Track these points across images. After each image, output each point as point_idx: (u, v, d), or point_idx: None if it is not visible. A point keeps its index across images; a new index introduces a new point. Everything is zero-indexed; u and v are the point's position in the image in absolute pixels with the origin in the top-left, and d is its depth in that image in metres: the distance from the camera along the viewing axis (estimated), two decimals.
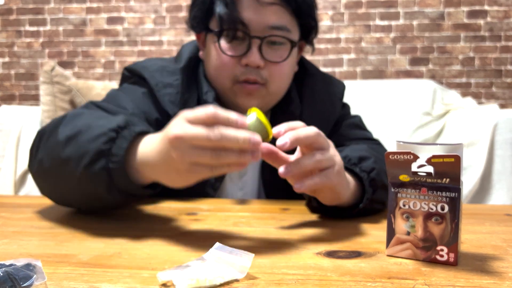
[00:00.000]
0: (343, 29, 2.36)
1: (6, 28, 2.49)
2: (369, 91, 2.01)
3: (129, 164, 0.49)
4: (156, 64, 0.72)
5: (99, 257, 0.42)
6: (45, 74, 1.81)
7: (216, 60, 0.68)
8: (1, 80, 2.52)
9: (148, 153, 0.47)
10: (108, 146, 0.48)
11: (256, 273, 0.38)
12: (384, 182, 0.59)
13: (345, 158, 0.59)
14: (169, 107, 0.68)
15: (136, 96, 0.69)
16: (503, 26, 2.29)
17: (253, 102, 0.69)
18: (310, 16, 0.69)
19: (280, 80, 0.70)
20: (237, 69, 0.67)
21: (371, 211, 0.60)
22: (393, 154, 0.41)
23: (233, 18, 0.64)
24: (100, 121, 0.51)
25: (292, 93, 0.74)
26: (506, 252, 0.45)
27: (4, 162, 1.75)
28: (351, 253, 0.44)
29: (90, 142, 0.49)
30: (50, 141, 0.54)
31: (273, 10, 0.65)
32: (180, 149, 0.42)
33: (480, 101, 2.30)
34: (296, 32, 0.69)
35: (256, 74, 0.67)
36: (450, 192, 0.40)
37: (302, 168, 0.47)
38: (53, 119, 0.60)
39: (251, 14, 0.65)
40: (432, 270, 0.39)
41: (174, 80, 0.70)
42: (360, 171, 0.58)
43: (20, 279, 0.33)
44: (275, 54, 0.67)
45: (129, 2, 2.43)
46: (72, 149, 0.50)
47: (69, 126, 0.53)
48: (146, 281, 0.36)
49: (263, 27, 0.65)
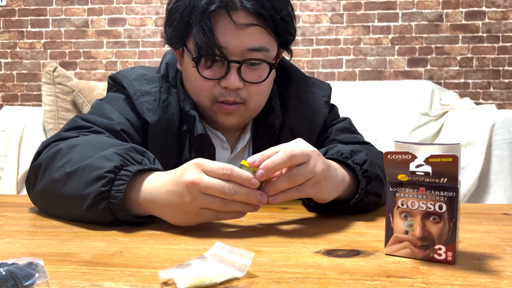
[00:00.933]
0: (342, 30, 2.37)
1: (9, 29, 2.50)
2: (368, 92, 2.01)
3: (131, 199, 0.52)
4: (136, 73, 0.73)
5: (101, 256, 0.42)
6: (47, 74, 1.82)
7: (195, 81, 0.68)
8: (3, 80, 2.52)
9: (156, 192, 0.51)
10: (107, 188, 0.51)
11: (256, 271, 0.38)
12: (378, 174, 0.60)
13: (337, 153, 0.61)
14: (147, 115, 0.69)
15: (119, 105, 0.71)
16: (501, 27, 2.30)
17: (232, 120, 0.70)
18: (288, 32, 0.69)
19: (259, 99, 0.71)
20: (216, 90, 0.68)
21: (368, 204, 0.61)
22: (391, 154, 0.41)
23: (211, 45, 0.64)
24: (96, 161, 0.53)
25: (273, 102, 0.74)
26: (503, 251, 0.45)
27: (7, 162, 1.75)
28: (350, 251, 0.44)
29: (89, 185, 0.51)
30: (47, 176, 0.56)
31: (251, 32, 0.64)
32: (193, 194, 0.48)
33: (478, 101, 2.30)
34: (274, 47, 0.69)
35: (235, 96, 0.67)
36: (448, 192, 0.40)
37: (278, 190, 0.50)
38: (46, 144, 0.61)
39: (229, 38, 0.64)
40: (430, 269, 0.39)
41: (152, 88, 0.71)
42: (352, 163, 0.59)
43: (22, 277, 0.33)
44: (253, 75, 0.68)
45: (131, 4, 2.44)
46: (73, 188, 0.53)
47: (65, 162, 0.55)
48: (147, 279, 0.36)
49: (241, 50, 0.65)
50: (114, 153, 0.53)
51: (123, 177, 0.51)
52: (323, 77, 2.38)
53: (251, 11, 0.63)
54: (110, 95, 0.74)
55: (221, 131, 0.75)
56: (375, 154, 0.69)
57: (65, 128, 0.66)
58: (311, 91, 0.78)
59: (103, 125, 0.66)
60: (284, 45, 0.71)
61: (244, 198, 0.48)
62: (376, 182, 0.60)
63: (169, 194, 0.50)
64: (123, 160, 0.52)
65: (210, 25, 0.63)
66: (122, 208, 0.51)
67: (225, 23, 0.64)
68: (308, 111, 0.77)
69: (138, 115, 0.70)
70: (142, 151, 0.57)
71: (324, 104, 0.78)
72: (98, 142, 0.58)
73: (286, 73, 0.78)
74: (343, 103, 1.90)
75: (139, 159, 0.54)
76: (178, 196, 0.49)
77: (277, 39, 0.69)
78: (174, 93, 0.72)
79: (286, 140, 0.74)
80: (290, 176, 0.50)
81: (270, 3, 0.64)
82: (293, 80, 0.78)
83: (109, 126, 0.66)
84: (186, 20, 0.65)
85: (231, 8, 0.63)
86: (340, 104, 0.86)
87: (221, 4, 0.63)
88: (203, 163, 0.48)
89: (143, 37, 2.44)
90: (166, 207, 0.51)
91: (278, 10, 0.65)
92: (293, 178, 0.50)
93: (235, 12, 0.63)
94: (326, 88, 0.81)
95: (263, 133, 0.74)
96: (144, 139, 0.70)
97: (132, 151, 0.55)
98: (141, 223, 0.54)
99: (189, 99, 0.71)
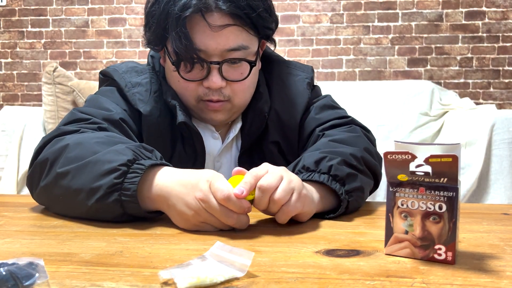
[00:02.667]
0: (342, 31, 2.37)
1: (9, 29, 2.50)
2: (368, 92, 2.01)
3: (142, 193, 0.53)
4: (127, 66, 0.74)
5: (101, 255, 0.42)
6: (47, 74, 1.82)
7: (178, 82, 0.69)
8: (3, 80, 2.52)
9: (167, 190, 0.52)
10: (120, 181, 0.51)
11: (256, 271, 0.38)
12: (349, 171, 0.59)
13: (303, 168, 0.60)
14: (139, 105, 0.69)
15: (114, 96, 0.71)
16: (501, 27, 2.30)
17: (219, 116, 0.70)
18: (266, 27, 0.68)
19: (244, 94, 0.71)
20: (200, 90, 0.68)
21: (357, 202, 0.60)
22: (391, 154, 0.41)
23: (189, 51, 0.63)
24: (107, 155, 0.53)
25: (261, 88, 0.74)
26: (503, 251, 0.45)
27: (7, 162, 1.75)
28: (350, 251, 0.44)
29: (101, 177, 0.51)
30: (54, 171, 0.56)
31: (228, 33, 0.64)
32: (198, 209, 0.50)
33: (478, 101, 2.31)
34: (255, 43, 0.69)
35: (219, 94, 0.68)
36: (448, 192, 0.40)
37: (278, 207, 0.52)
38: (48, 140, 0.61)
39: (206, 41, 0.64)
40: (430, 269, 0.39)
41: (143, 79, 0.71)
42: (319, 175, 0.58)
43: (22, 277, 0.33)
44: (235, 72, 0.67)
45: (131, 4, 2.44)
46: (82, 181, 0.53)
47: (73, 156, 0.55)
48: (147, 279, 0.37)
49: (220, 51, 0.64)
50: (127, 148, 0.53)
51: (137, 170, 0.51)
52: (323, 77, 2.39)
53: (226, 12, 0.63)
54: (103, 89, 0.74)
55: (211, 123, 0.75)
56: (350, 141, 0.67)
57: (64, 121, 0.66)
58: (293, 74, 0.78)
59: (102, 116, 0.65)
60: (265, 38, 0.71)
61: (241, 210, 0.50)
62: (350, 179, 0.59)
63: (177, 199, 0.51)
64: (135, 154, 0.53)
65: (186, 31, 0.63)
66: (134, 200, 0.51)
67: (201, 26, 0.63)
68: (291, 93, 0.77)
69: (132, 106, 0.70)
70: (150, 149, 0.57)
71: (306, 85, 0.78)
72: (106, 138, 0.58)
73: (267, 59, 0.78)
74: (343, 103, 1.90)
75: (149, 155, 0.55)
76: (185, 205, 0.50)
77: (257, 35, 0.68)
78: (164, 83, 0.73)
79: (273, 126, 0.75)
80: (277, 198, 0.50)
81: (245, 1, 0.63)
82: (275, 64, 0.78)
83: (107, 116, 0.66)
84: (163, 25, 0.65)
85: (205, 11, 0.63)
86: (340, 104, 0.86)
87: (195, 9, 0.62)
88: (214, 181, 0.49)
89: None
90: (172, 208, 0.52)
91: (254, 7, 0.64)
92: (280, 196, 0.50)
93: (210, 15, 0.63)
94: (308, 70, 0.81)
95: (253, 119, 0.73)
96: (140, 130, 0.70)
97: (141, 148, 0.55)
98: (149, 218, 0.54)
99: (170, 90, 0.71)
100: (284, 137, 0.75)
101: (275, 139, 0.75)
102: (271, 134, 0.75)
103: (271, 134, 0.75)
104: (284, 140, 0.75)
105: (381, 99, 1.94)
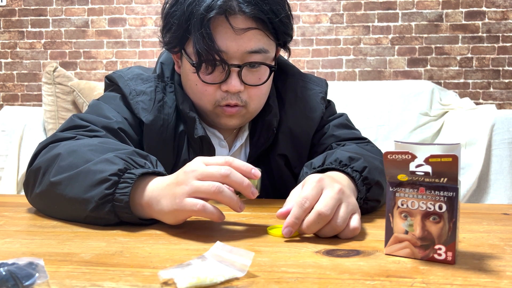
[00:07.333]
0: (342, 31, 2.37)
1: (9, 29, 2.50)
2: (368, 92, 2.01)
3: (135, 202, 0.53)
4: (132, 72, 0.73)
5: (101, 255, 0.42)
6: (47, 74, 1.82)
7: (196, 86, 0.68)
8: (3, 80, 2.52)
9: (155, 194, 0.51)
10: (111, 191, 0.51)
11: (256, 271, 0.38)
12: (378, 180, 0.60)
13: (336, 161, 0.60)
14: (142, 114, 0.69)
15: (116, 104, 0.71)
16: (500, 27, 2.30)
17: (234, 122, 0.71)
18: (286, 34, 0.69)
19: (259, 100, 0.71)
20: (217, 95, 0.68)
21: (367, 210, 0.61)
22: (391, 154, 0.41)
23: (211, 52, 0.64)
24: (98, 164, 0.53)
25: (271, 100, 0.74)
26: (503, 251, 0.45)
27: (7, 162, 1.75)
28: (350, 251, 0.44)
29: (92, 188, 0.51)
30: (47, 179, 0.56)
31: (250, 35, 0.64)
32: (188, 179, 0.48)
33: (478, 101, 2.30)
34: (273, 48, 0.69)
35: (237, 99, 0.68)
36: (448, 192, 0.40)
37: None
38: (43, 146, 0.61)
39: (228, 43, 0.64)
40: (430, 269, 0.39)
41: (148, 87, 0.71)
42: (351, 171, 0.58)
43: (22, 277, 0.33)
44: (254, 77, 0.68)
45: (131, 4, 2.44)
46: (75, 191, 0.53)
47: (66, 165, 0.55)
48: (147, 279, 0.37)
49: (241, 53, 0.65)
50: (116, 157, 0.53)
51: (127, 180, 0.51)
52: (323, 77, 2.38)
53: (249, 15, 0.63)
54: (107, 95, 0.74)
55: (219, 129, 0.75)
56: (374, 154, 0.69)
57: (62, 127, 0.66)
58: (307, 88, 0.79)
59: (101, 124, 0.66)
60: (282, 45, 0.72)
61: (239, 182, 0.48)
62: (376, 188, 0.59)
63: (164, 200, 0.50)
64: (126, 163, 0.52)
65: (210, 32, 0.63)
66: (128, 211, 0.51)
67: (223, 28, 0.64)
68: (305, 107, 0.77)
69: (134, 115, 0.70)
70: (145, 154, 0.57)
71: (321, 100, 0.78)
72: (99, 145, 0.58)
73: (282, 70, 0.79)
74: (343, 103, 1.90)
75: (141, 163, 0.54)
76: (170, 200, 0.49)
77: (276, 41, 0.69)
78: (169, 92, 0.72)
79: (284, 138, 0.75)
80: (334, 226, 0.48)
81: (268, 6, 0.64)
82: (289, 76, 0.79)
83: (106, 124, 0.66)
84: (185, 26, 0.65)
85: (229, 13, 0.63)
86: (340, 104, 0.86)
87: (220, 11, 0.62)
88: (206, 157, 0.50)
89: (143, 37, 2.44)
90: (161, 211, 0.51)
91: (277, 13, 0.65)
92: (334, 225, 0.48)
93: (233, 17, 0.63)
94: (322, 84, 0.81)
95: (261, 132, 0.74)
96: (141, 138, 0.70)
97: (134, 155, 0.55)
98: (145, 224, 0.54)
99: (188, 100, 0.71)
100: (294, 150, 0.76)
101: (284, 152, 0.75)
102: (280, 147, 0.75)
103: (281, 146, 0.75)
104: (294, 153, 0.76)
105: (381, 99, 1.94)
